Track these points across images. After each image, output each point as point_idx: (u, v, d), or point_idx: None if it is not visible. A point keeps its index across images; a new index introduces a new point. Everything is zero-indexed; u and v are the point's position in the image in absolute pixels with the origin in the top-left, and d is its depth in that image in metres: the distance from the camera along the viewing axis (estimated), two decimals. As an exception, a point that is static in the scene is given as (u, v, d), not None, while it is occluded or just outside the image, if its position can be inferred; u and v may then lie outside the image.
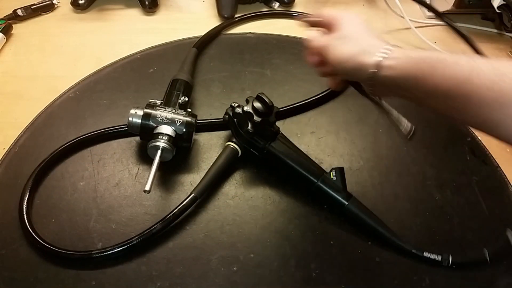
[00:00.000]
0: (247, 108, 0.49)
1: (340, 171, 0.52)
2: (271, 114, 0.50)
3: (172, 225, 0.48)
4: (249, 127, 0.50)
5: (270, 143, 0.51)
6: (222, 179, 0.53)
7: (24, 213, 0.48)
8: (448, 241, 0.50)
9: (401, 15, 0.77)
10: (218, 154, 0.55)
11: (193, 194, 0.48)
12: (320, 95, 0.63)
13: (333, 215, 0.51)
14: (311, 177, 0.51)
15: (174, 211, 0.47)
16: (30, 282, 0.45)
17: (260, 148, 0.52)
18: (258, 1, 0.80)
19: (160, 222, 0.47)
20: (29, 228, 0.47)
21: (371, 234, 0.49)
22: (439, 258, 0.47)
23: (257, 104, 0.49)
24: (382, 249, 0.49)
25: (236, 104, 0.51)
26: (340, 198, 0.50)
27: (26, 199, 0.49)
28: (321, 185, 0.50)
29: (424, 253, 0.48)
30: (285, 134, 0.54)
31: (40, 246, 0.46)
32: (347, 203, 0.49)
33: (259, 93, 0.49)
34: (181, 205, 0.48)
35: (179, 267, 0.46)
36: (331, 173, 0.52)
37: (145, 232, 0.46)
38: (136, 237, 0.46)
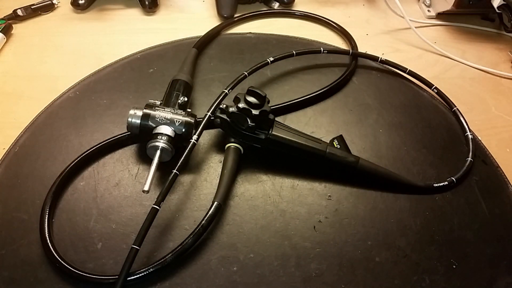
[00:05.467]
0: (242, 105, 0.49)
1: (341, 138, 0.56)
2: (265, 104, 0.50)
3: (202, 237, 0.47)
4: (249, 123, 0.50)
5: (271, 132, 0.52)
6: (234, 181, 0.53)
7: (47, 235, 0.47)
8: (448, 241, 0.50)
9: (401, 15, 0.77)
10: (216, 154, 0.56)
11: (216, 202, 0.48)
12: (319, 92, 0.63)
13: (333, 215, 0.51)
14: (319, 150, 0.52)
15: (202, 222, 0.47)
16: (30, 282, 0.45)
17: (262, 140, 0.52)
18: (258, 1, 0.80)
19: (191, 236, 0.46)
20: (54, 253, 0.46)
21: (384, 184, 0.54)
22: (446, 183, 0.54)
23: (251, 98, 0.49)
24: (382, 249, 0.49)
25: (224, 106, 0.51)
26: (351, 161, 0.53)
27: (46, 221, 0.48)
28: (331, 154, 0.52)
29: (434, 184, 0.54)
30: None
31: (65, 269, 0.45)
32: (358, 163, 0.53)
33: (249, 87, 0.49)
34: (208, 215, 0.47)
35: (179, 267, 0.46)
36: (334, 142, 0.56)
37: (177, 249, 0.45)
38: (169, 255, 0.45)
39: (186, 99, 0.55)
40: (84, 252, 0.47)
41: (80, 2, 0.76)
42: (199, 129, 0.51)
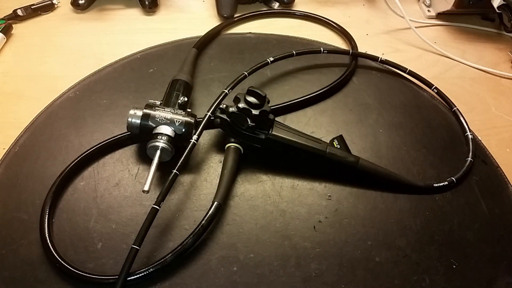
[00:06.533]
0: (242, 105, 0.49)
1: (341, 138, 0.56)
2: (265, 104, 0.50)
3: (202, 237, 0.47)
4: (249, 123, 0.50)
5: (271, 132, 0.52)
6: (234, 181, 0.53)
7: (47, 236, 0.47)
8: (448, 241, 0.50)
9: (401, 15, 0.77)
10: (216, 154, 0.56)
11: (216, 202, 0.48)
12: (319, 92, 0.63)
13: (333, 215, 0.51)
14: (319, 150, 0.52)
15: (202, 222, 0.47)
16: (30, 282, 0.45)
17: (262, 140, 0.52)
18: (258, 1, 0.80)
19: (191, 236, 0.46)
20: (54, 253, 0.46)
21: (384, 184, 0.54)
22: (446, 183, 0.54)
23: (251, 98, 0.49)
24: (382, 249, 0.49)
25: (224, 106, 0.51)
26: (351, 161, 0.53)
27: (46, 220, 0.48)
28: (331, 154, 0.52)
29: (434, 184, 0.54)
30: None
31: (65, 269, 0.45)
32: (358, 163, 0.52)
33: (249, 87, 0.49)
34: (208, 215, 0.47)
35: (179, 267, 0.46)
36: (334, 142, 0.56)
37: (177, 249, 0.45)
38: (169, 255, 0.45)
39: (186, 99, 0.55)
40: (84, 252, 0.47)
41: (80, 2, 0.76)
42: (199, 129, 0.51)
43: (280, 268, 0.47)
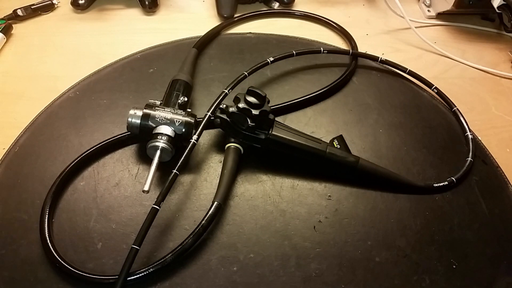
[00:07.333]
0: (242, 105, 0.49)
1: (341, 138, 0.56)
2: (265, 104, 0.50)
3: (202, 237, 0.47)
4: (249, 123, 0.50)
5: (271, 132, 0.52)
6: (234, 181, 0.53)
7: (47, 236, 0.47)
8: (448, 241, 0.50)
9: (401, 15, 0.77)
10: (216, 154, 0.56)
11: (216, 202, 0.48)
12: (319, 92, 0.63)
13: (333, 215, 0.51)
14: (319, 150, 0.52)
15: (202, 222, 0.47)
16: (30, 282, 0.45)
17: (262, 140, 0.52)
18: (258, 1, 0.80)
19: (191, 236, 0.46)
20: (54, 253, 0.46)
21: (384, 184, 0.54)
22: (446, 183, 0.54)
23: (251, 98, 0.49)
24: (382, 249, 0.49)
25: (224, 106, 0.51)
26: (351, 161, 0.53)
27: (46, 220, 0.48)
28: (331, 154, 0.52)
29: (434, 184, 0.54)
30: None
31: (64, 269, 0.45)
32: (358, 163, 0.53)
33: (249, 87, 0.49)
34: (208, 215, 0.47)
35: (179, 267, 0.46)
36: (334, 142, 0.56)
37: (177, 249, 0.45)
38: (169, 255, 0.45)
39: (186, 99, 0.55)
40: (84, 252, 0.47)
41: (80, 2, 0.76)
42: (199, 129, 0.51)
43: (280, 268, 0.47)
